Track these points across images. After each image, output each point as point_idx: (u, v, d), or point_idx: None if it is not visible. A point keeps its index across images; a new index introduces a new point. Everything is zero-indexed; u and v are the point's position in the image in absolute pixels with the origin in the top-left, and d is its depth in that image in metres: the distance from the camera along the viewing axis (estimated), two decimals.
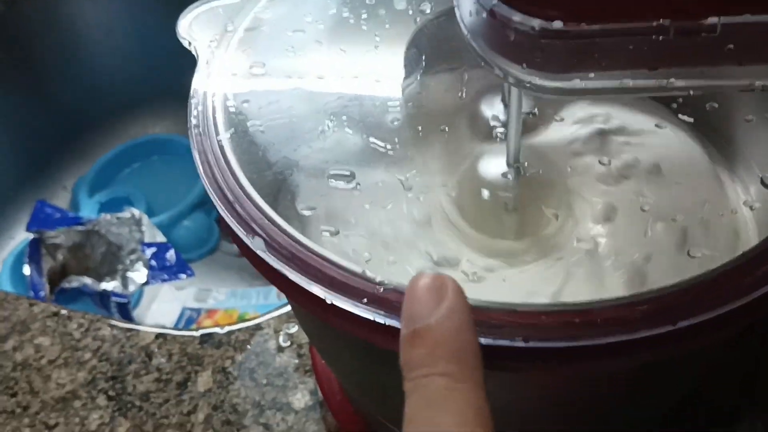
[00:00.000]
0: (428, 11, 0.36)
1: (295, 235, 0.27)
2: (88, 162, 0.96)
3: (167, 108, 1.00)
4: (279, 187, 0.32)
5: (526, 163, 0.40)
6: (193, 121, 0.32)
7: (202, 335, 0.53)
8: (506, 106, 0.43)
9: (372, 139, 0.33)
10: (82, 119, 0.96)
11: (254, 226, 0.28)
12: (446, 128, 0.41)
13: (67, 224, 0.81)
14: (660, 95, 0.37)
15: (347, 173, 0.31)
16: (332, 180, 0.31)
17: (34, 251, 0.82)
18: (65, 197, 0.96)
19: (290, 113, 0.33)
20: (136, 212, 0.79)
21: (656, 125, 0.41)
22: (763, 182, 0.37)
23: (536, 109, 0.41)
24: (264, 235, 0.27)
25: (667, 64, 0.31)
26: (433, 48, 0.38)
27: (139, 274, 0.77)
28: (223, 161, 0.30)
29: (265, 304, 0.84)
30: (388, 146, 0.33)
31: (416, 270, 0.34)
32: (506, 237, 0.40)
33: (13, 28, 0.85)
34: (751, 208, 0.39)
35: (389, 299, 0.26)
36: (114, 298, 0.73)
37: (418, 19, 0.35)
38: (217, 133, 0.31)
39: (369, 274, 0.26)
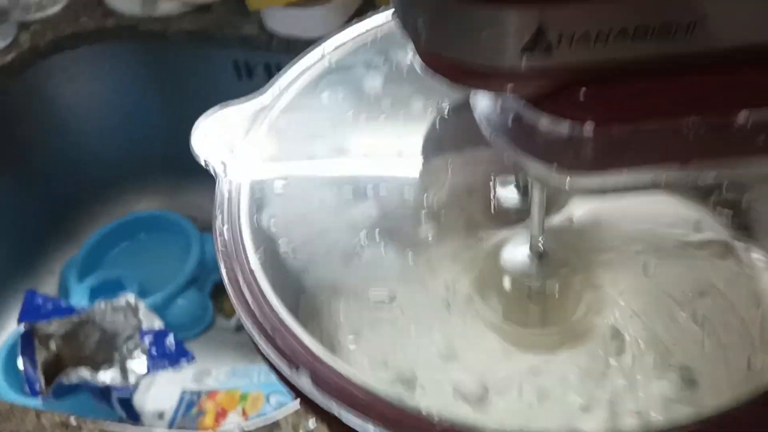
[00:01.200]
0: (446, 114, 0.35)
1: (339, 369, 0.26)
2: (75, 244, 0.94)
3: (151, 184, 0.99)
4: (315, 312, 0.31)
5: (542, 247, 0.39)
6: (221, 247, 0.30)
7: None
8: (519, 189, 0.43)
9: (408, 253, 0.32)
10: (66, 201, 0.94)
11: (296, 359, 0.27)
12: (464, 216, 0.40)
13: (60, 315, 0.79)
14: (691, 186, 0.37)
15: (385, 297, 0.30)
16: (371, 303, 0.30)
17: (27, 344, 0.80)
18: (53, 282, 0.93)
19: (318, 229, 0.32)
20: (132, 299, 0.78)
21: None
22: None
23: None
24: (308, 369, 0.26)
25: (699, 157, 0.30)
26: (450, 138, 0.38)
27: (138, 364, 0.75)
28: (256, 288, 0.29)
29: (268, 383, 0.82)
30: (422, 258, 0.32)
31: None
32: (531, 323, 0.40)
33: None
34: None
35: None
36: (116, 393, 0.71)
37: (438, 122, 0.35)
38: (247, 259, 0.29)
39: (424, 411, 0.25)
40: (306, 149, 0.35)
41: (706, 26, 0.27)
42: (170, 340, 0.76)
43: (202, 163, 0.34)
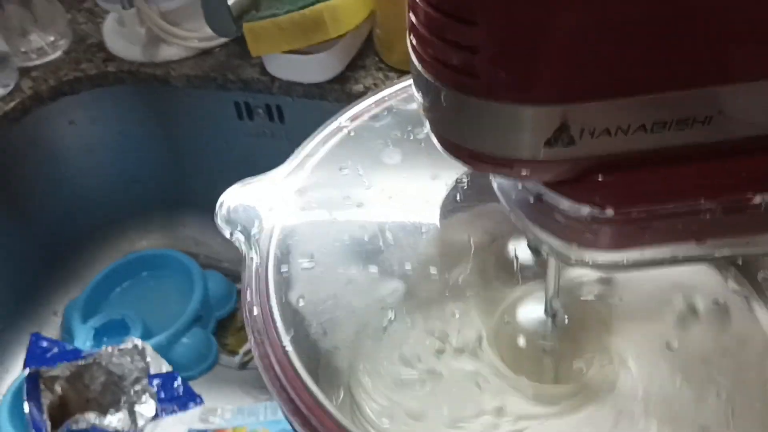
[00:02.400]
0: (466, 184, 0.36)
1: None
2: (78, 285, 0.95)
3: (152, 223, 1.00)
4: (350, 394, 0.32)
5: (561, 310, 0.41)
6: (250, 323, 0.32)
7: None
8: (533, 251, 0.44)
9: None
10: (68, 242, 0.95)
11: None
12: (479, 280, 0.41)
13: (67, 359, 0.79)
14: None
15: (417, 376, 0.31)
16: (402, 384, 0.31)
17: (32, 387, 0.80)
18: (56, 323, 0.94)
19: (347, 308, 0.34)
20: (138, 342, 0.78)
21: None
22: None
23: None
24: None
25: (715, 236, 0.32)
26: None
27: (147, 407, 0.75)
28: (292, 372, 0.30)
29: (274, 420, 0.83)
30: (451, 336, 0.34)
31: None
32: (546, 381, 0.41)
33: None
34: None
35: None
36: None
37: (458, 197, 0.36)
38: (281, 340, 0.31)
39: None
40: (333, 228, 0.36)
41: (721, 120, 0.29)
42: (178, 382, 0.77)
43: (228, 236, 0.35)
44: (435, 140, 0.32)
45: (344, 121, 0.39)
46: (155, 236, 1.00)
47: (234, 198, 0.36)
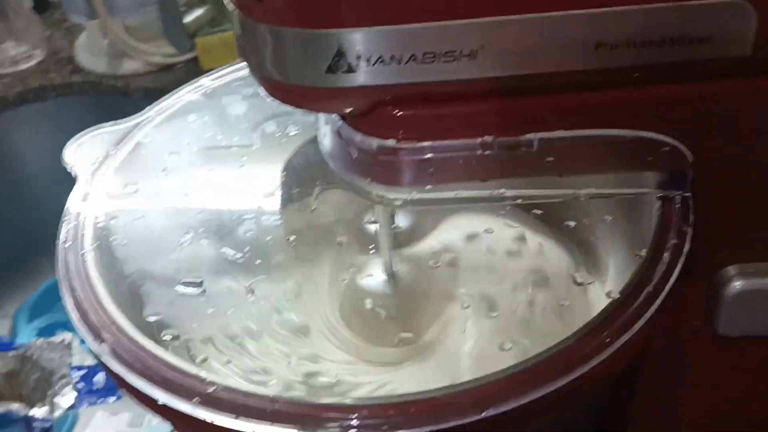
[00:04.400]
0: (293, 133, 0.39)
1: (139, 341, 0.29)
2: (30, 289, 0.97)
3: None
4: (134, 297, 0.34)
5: (399, 272, 0.42)
6: (62, 238, 0.34)
7: None
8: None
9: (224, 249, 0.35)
10: (24, 247, 0.97)
11: (103, 333, 0.29)
12: (333, 242, 0.43)
13: (0, 350, 0.81)
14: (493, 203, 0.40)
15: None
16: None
17: None
18: (5, 324, 0.96)
19: (152, 229, 0.36)
20: (68, 336, 0.80)
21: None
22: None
23: (409, 223, 0.43)
24: (110, 342, 0.29)
25: (496, 176, 0.34)
26: (309, 169, 0.41)
27: (65, 399, 0.76)
28: (83, 273, 0.32)
29: None
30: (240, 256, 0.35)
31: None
32: (387, 344, 0.42)
33: None
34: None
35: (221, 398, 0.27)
36: (36, 424, 0.73)
37: (283, 141, 0.38)
38: (83, 248, 0.33)
39: (202, 374, 0.27)
40: (162, 164, 0.38)
41: (487, 55, 0.31)
42: (100, 376, 0.78)
43: (70, 171, 0.37)
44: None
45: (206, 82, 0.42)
46: None
47: (85, 136, 0.39)
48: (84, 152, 0.38)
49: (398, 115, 0.32)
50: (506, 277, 0.42)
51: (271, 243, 0.38)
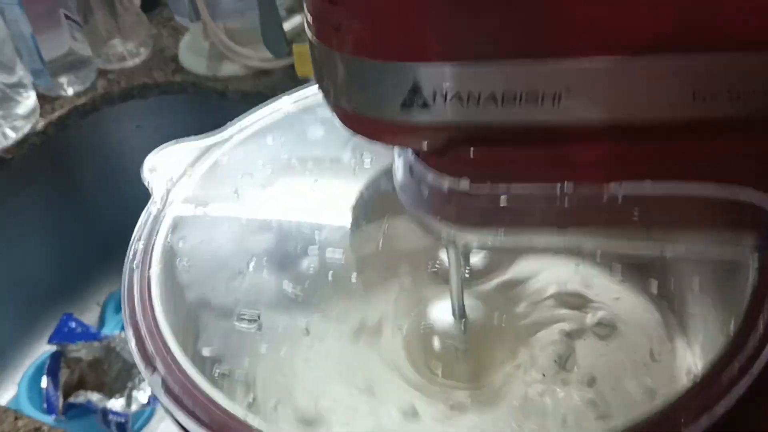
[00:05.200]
0: (368, 163, 0.37)
1: (191, 375, 0.28)
2: (120, 280, 1.00)
3: None
4: (191, 326, 0.33)
5: (470, 314, 0.40)
6: (130, 255, 0.34)
7: None
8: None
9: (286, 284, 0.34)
10: (116, 236, 1.00)
11: (157, 361, 0.29)
12: (400, 276, 0.42)
13: (86, 339, 0.83)
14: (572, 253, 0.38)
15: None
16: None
17: (54, 364, 0.84)
18: (95, 313, 0.99)
19: (216, 254, 0.35)
20: None
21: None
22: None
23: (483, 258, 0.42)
24: (163, 373, 0.28)
25: (576, 225, 0.31)
26: (380, 201, 0.40)
27: (143, 394, 0.78)
28: (146, 296, 0.31)
29: None
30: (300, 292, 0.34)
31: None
32: (457, 385, 0.40)
33: (62, 149, 0.91)
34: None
35: None
36: (112, 417, 0.74)
37: (357, 170, 0.37)
38: (149, 268, 0.32)
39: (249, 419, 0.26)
40: (235, 184, 0.38)
41: (571, 99, 0.29)
42: None
43: (147, 186, 0.37)
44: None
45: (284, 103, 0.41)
46: None
47: (164, 150, 0.39)
48: (163, 166, 0.38)
49: (472, 155, 0.31)
50: (583, 328, 0.40)
51: (334, 278, 0.37)
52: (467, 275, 0.41)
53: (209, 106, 0.92)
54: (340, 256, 0.36)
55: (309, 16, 0.31)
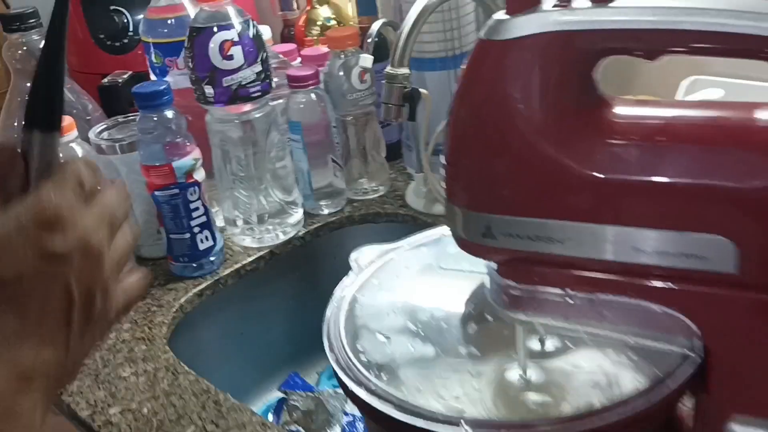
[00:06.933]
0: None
1: None
2: None
3: None
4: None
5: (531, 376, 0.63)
6: (328, 314, 0.62)
7: None
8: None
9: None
10: None
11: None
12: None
13: (303, 390, 1.13)
14: None
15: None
16: None
17: (279, 406, 1.15)
18: (314, 378, 1.29)
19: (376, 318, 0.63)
20: None
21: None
22: None
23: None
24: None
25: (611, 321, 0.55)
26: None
27: None
28: (339, 342, 0.59)
29: None
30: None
31: None
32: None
33: (314, 251, 1.24)
34: None
35: None
36: None
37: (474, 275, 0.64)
38: (338, 324, 0.61)
39: None
40: (397, 275, 0.66)
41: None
42: (361, 425, 1.05)
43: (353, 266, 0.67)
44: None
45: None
46: None
47: (367, 250, 0.68)
48: (362, 257, 0.67)
49: (521, 267, 0.56)
50: None
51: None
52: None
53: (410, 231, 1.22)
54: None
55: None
